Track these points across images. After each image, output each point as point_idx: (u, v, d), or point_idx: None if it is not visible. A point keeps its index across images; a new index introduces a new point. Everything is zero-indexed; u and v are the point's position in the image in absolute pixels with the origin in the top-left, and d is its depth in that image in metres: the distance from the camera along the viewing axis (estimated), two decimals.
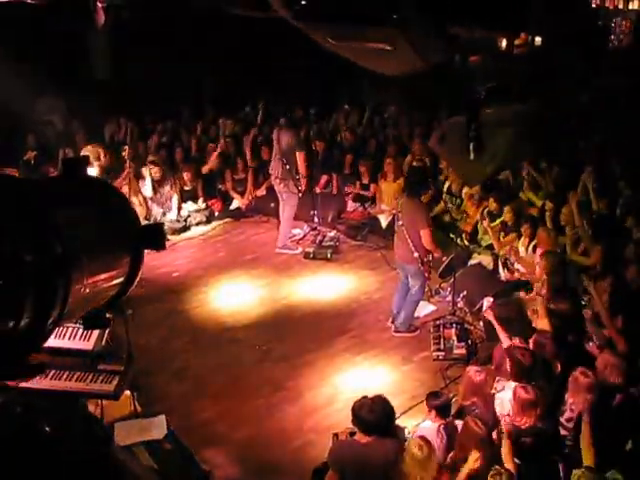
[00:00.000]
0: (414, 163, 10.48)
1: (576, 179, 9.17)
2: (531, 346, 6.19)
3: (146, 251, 1.90)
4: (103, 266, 1.73)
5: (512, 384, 5.76)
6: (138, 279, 1.91)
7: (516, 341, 6.52)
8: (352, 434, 5.35)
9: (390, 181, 10.57)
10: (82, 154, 8.37)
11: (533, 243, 8.26)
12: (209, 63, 13.85)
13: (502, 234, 8.93)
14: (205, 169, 11.42)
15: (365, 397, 5.30)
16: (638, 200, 8.32)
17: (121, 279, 1.84)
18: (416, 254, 7.68)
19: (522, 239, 8.52)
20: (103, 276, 1.73)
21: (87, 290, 1.59)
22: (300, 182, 10.55)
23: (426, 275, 7.92)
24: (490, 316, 6.91)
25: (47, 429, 1.48)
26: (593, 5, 6.63)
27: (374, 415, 5.08)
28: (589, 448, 4.89)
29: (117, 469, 1.56)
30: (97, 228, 1.75)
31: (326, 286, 9.37)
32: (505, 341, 6.55)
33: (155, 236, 1.91)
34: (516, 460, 5.02)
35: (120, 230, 1.85)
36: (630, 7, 8.90)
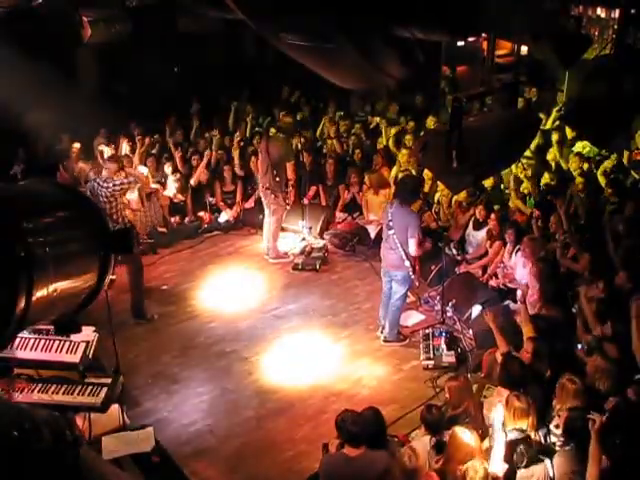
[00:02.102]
0: (400, 173, 10.52)
1: (563, 186, 9.23)
2: (529, 354, 6.19)
3: None
4: (71, 270, 1.73)
5: (503, 391, 5.77)
6: (107, 283, 1.91)
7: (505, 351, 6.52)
8: (342, 445, 5.32)
9: (374, 192, 10.59)
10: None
11: (517, 248, 8.30)
12: (195, 76, 13.92)
13: (488, 243, 8.97)
14: (194, 182, 11.42)
15: (347, 410, 5.29)
16: (624, 207, 8.35)
17: (90, 283, 1.84)
18: (407, 262, 7.70)
19: (507, 246, 8.56)
20: (70, 280, 1.73)
21: (54, 294, 1.59)
22: (289, 194, 10.57)
23: (416, 284, 7.93)
24: (490, 321, 6.89)
25: (15, 433, 1.48)
26: (574, 13, 6.68)
27: (358, 427, 5.05)
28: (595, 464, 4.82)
29: (86, 472, 1.56)
30: (66, 233, 1.75)
31: (315, 297, 9.36)
32: (502, 347, 6.54)
33: (123, 240, 1.91)
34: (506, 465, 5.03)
35: (89, 235, 1.85)
36: (612, 15, 8.98)
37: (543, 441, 5.42)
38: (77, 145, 11.78)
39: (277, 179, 9.90)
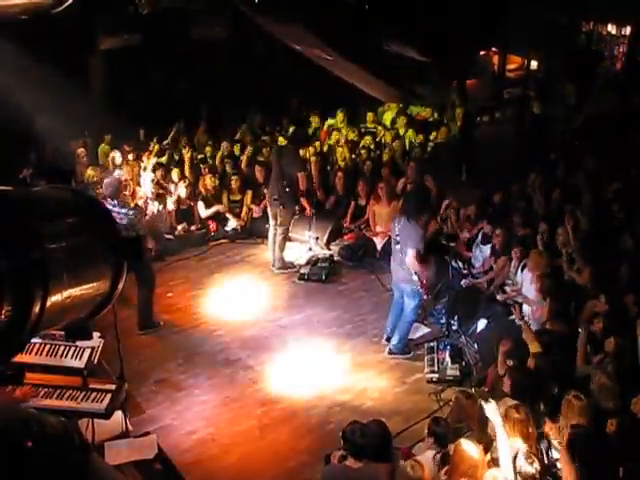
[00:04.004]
0: (408, 186, 10.51)
1: (572, 201, 9.22)
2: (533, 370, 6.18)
3: None
4: (84, 277, 1.73)
5: (509, 401, 5.76)
6: (119, 291, 1.92)
7: (510, 363, 6.51)
8: (344, 457, 5.29)
9: (384, 204, 10.56)
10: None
11: (522, 263, 8.27)
12: (204, 84, 13.99)
13: (492, 259, 8.94)
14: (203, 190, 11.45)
15: (355, 421, 5.27)
16: (631, 221, 8.35)
17: (102, 290, 1.85)
18: (415, 277, 7.68)
19: (513, 262, 8.53)
20: (84, 286, 1.73)
21: (68, 299, 1.59)
22: (300, 203, 10.57)
23: (425, 297, 7.91)
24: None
25: (23, 437, 1.48)
26: (584, 29, 6.70)
27: (366, 439, 5.03)
28: None
29: (94, 478, 1.56)
30: (79, 239, 1.76)
31: (320, 307, 9.33)
32: (501, 368, 6.54)
33: (135, 248, 1.92)
34: None
35: (102, 242, 1.86)
36: (623, 33, 8.97)
37: (545, 455, 5.41)
38: (82, 150, 11.82)
39: (287, 189, 9.89)
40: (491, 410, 5.30)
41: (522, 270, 8.31)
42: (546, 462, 5.35)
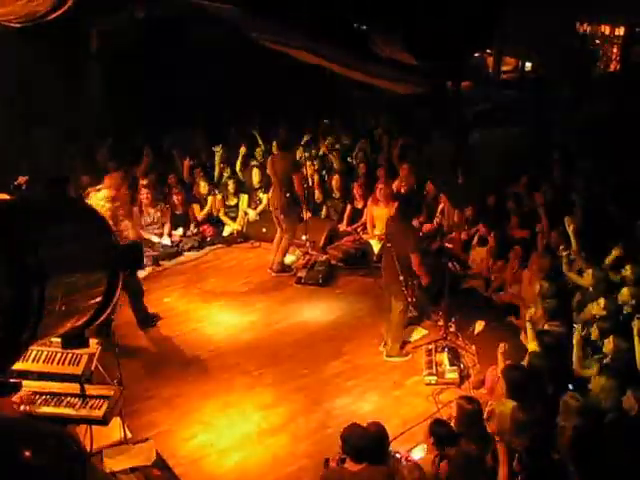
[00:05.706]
0: (402, 188, 10.51)
1: (568, 202, 9.24)
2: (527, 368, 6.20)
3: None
4: (80, 285, 1.72)
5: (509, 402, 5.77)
6: (116, 299, 1.91)
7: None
8: (343, 460, 5.28)
9: (382, 206, 10.55)
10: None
11: (522, 265, 8.28)
12: (201, 88, 13.95)
13: (491, 260, 8.95)
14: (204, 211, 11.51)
15: (354, 424, 5.25)
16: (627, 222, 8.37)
17: (99, 299, 1.84)
18: (401, 277, 7.69)
19: (510, 263, 8.55)
20: (80, 295, 1.72)
21: (63, 308, 1.58)
22: (301, 208, 10.59)
23: (409, 299, 7.90)
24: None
25: (21, 447, 1.47)
26: (581, 31, 6.71)
27: (365, 442, 5.02)
28: None
29: None
30: (76, 247, 1.75)
31: (318, 311, 9.34)
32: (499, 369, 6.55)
33: (133, 256, 1.91)
34: None
35: (99, 250, 1.84)
36: (617, 33, 8.99)
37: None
38: (80, 158, 11.80)
39: (287, 194, 9.88)
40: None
41: (518, 270, 8.33)
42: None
